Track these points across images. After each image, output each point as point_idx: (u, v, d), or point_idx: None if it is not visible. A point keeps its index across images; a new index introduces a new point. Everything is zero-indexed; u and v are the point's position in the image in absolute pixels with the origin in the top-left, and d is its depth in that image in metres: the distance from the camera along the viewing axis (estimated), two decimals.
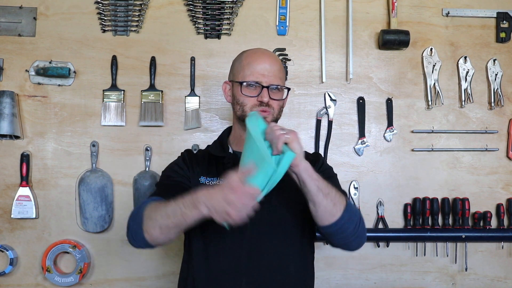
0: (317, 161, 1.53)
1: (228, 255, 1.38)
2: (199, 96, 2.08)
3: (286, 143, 1.20)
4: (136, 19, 2.09)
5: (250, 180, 1.15)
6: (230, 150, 1.52)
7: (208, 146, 1.60)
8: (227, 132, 1.60)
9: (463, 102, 2.12)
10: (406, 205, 2.08)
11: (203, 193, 1.18)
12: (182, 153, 1.56)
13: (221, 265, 1.38)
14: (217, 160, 1.50)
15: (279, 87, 1.45)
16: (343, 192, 1.44)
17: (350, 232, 1.33)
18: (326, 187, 1.28)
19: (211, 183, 1.45)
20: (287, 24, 2.12)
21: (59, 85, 2.06)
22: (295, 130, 1.25)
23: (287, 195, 1.38)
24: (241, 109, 1.45)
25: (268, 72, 1.43)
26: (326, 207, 1.27)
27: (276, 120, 1.48)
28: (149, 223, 1.27)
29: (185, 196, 1.22)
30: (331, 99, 2.11)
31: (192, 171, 1.47)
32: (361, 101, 2.12)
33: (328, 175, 1.49)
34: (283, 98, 1.48)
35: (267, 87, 1.42)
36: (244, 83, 1.44)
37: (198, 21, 2.10)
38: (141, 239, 1.30)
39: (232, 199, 1.12)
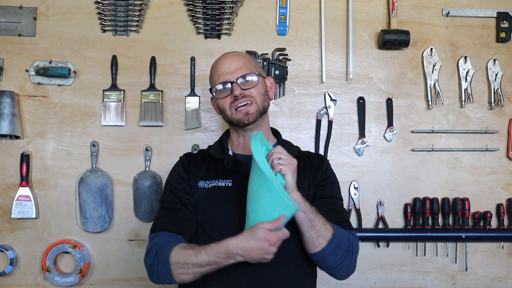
0: (321, 165, 1.53)
1: None
2: (199, 96, 2.08)
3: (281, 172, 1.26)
4: (136, 19, 2.09)
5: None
6: (230, 152, 1.52)
7: (210, 146, 1.60)
8: (227, 134, 1.60)
9: (463, 102, 2.12)
10: (406, 205, 2.08)
11: (239, 247, 1.25)
12: (181, 157, 1.57)
13: None
14: (217, 161, 1.50)
15: (246, 75, 1.46)
16: (341, 212, 1.49)
17: (334, 263, 1.37)
18: (312, 219, 1.31)
19: (209, 185, 1.46)
20: (287, 24, 2.12)
21: (59, 85, 2.06)
22: (293, 162, 1.28)
23: None
24: (225, 113, 1.49)
25: (232, 68, 1.46)
26: (309, 238, 1.33)
27: (264, 108, 1.48)
28: (180, 271, 1.32)
29: (214, 246, 1.28)
30: (331, 99, 2.11)
31: (192, 176, 1.49)
32: (361, 101, 2.12)
33: (328, 182, 1.52)
34: (257, 84, 1.47)
35: (236, 81, 1.44)
36: (214, 88, 1.49)
37: (198, 21, 2.10)
38: (171, 282, 1.36)
39: (271, 249, 1.23)
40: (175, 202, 1.46)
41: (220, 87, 1.47)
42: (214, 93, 1.50)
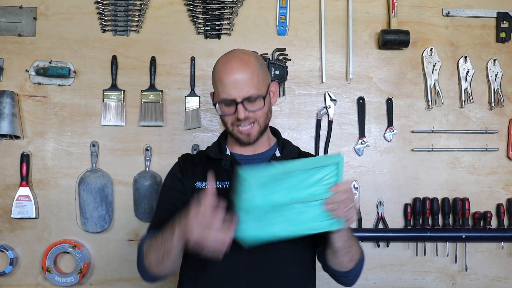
0: None
1: (226, 255, 1.38)
2: (199, 96, 2.08)
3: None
4: (136, 19, 2.09)
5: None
6: (228, 152, 1.51)
7: (208, 147, 1.60)
8: (225, 133, 1.60)
9: (463, 102, 2.12)
10: (406, 205, 2.08)
11: (183, 215, 1.21)
12: (179, 158, 1.57)
13: (219, 266, 1.38)
14: (215, 162, 1.50)
15: (252, 97, 1.36)
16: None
17: (350, 278, 1.42)
18: (350, 246, 1.32)
19: (207, 186, 1.44)
20: (287, 24, 2.12)
21: (59, 85, 2.06)
22: (355, 216, 1.25)
23: None
24: (226, 126, 1.45)
25: (239, 84, 1.35)
26: (341, 261, 1.35)
27: (266, 126, 1.45)
28: (146, 260, 1.35)
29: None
30: (331, 99, 2.11)
31: (188, 178, 1.47)
32: (361, 101, 2.12)
33: None
34: (263, 106, 1.40)
35: (242, 102, 1.36)
36: (218, 103, 1.40)
37: (198, 21, 2.10)
38: (147, 275, 1.37)
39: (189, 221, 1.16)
40: (166, 202, 1.46)
41: (225, 101, 1.38)
42: (217, 102, 1.42)
